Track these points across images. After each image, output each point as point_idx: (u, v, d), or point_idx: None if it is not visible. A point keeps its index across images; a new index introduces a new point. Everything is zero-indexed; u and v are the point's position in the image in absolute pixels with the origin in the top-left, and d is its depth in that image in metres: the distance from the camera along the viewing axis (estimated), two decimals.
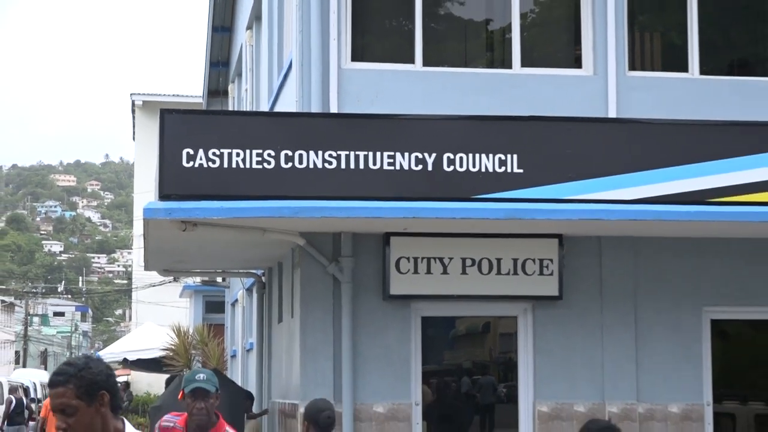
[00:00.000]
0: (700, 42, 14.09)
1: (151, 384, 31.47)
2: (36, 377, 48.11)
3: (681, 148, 12.40)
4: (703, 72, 14.03)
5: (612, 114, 13.42)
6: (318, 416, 8.20)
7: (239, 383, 19.75)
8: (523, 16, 14.08)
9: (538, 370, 13.18)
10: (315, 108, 13.10)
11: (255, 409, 17.65)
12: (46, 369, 67.47)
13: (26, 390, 39.34)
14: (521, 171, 12.12)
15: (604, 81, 13.69)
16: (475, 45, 14.47)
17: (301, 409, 12.61)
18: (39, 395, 41.66)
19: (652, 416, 13.13)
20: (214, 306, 31.68)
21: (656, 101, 13.47)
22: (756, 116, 12.94)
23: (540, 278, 13.02)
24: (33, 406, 38.65)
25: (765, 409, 13.79)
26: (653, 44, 14.31)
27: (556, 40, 14.24)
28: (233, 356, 24.70)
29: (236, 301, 24.29)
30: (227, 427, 7.30)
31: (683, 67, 14.07)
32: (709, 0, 14.22)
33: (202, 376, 7.26)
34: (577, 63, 13.98)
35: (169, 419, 7.50)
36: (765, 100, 13.61)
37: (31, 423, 36.07)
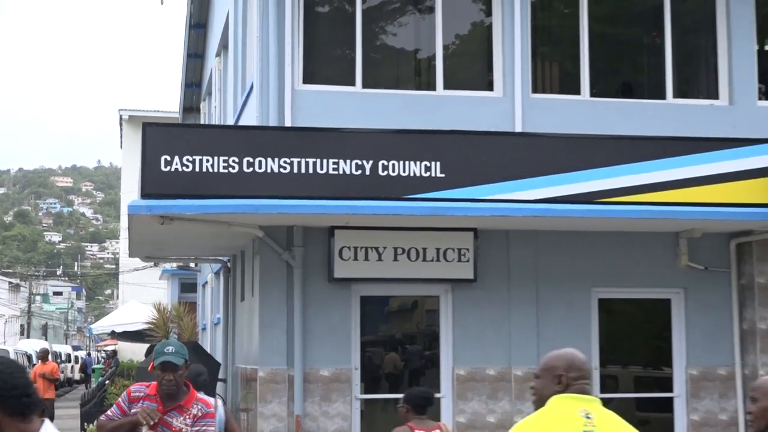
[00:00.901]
0: (591, 70, 14.23)
1: (134, 352, 31.24)
2: (37, 346, 48.01)
3: (574, 157, 12.56)
4: (593, 95, 14.17)
5: (518, 129, 13.52)
6: (196, 379, 7.74)
7: (208, 351, 19.70)
8: (445, 47, 14.17)
9: (456, 340, 13.28)
10: (272, 122, 13.14)
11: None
12: (46, 339, 66.89)
13: (29, 357, 39.44)
14: (443, 175, 12.22)
15: (511, 102, 13.80)
16: (405, 71, 14.55)
17: (261, 373, 12.73)
18: (35, 361, 41.64)
19: None
20: (187, 287, 31.59)
21: (554, 119, 13.57)
22: (636, 132, 13.13)
23: (458, 264, 13.12)
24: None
25: (642, 372, 13.94)
26: (552, 71, 14.42)
27: (472, 68, 14.33)
28: (203, 329, 24.64)
29: (206, 282, 24.21)
30: (197, 397, 6.65)
31: (576, 91, 14.19)
32: (597, 35, 14.35)
33: (170, 348, 6.53)
34: (489, 86, 14.05)
35: (138, 389, 6.77)
36: (643, 119, 13.76)
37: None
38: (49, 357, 27.69)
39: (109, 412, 6.89)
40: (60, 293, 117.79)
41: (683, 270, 13.72)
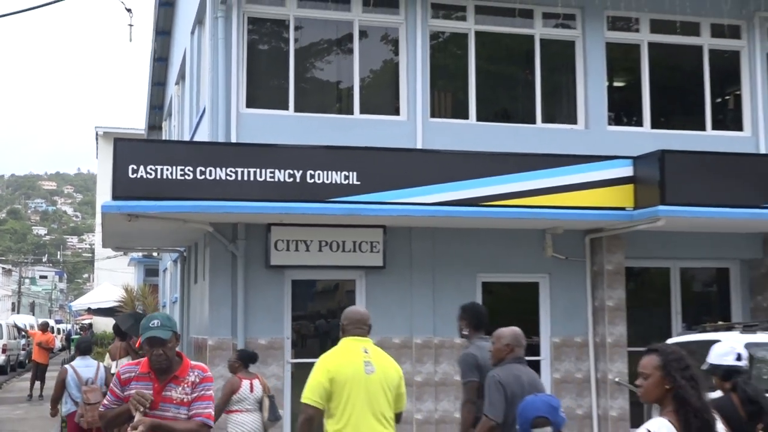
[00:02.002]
0: (477, 99, 14.35)
1: (107, 325, 30.86)
2: (26, 320, 47.55)
3: (463, 169, 12.68)
4: (478, 119, 14.29)
5: (419, 146, 13.60)
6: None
7: None
8: (361, 80, 14.20)
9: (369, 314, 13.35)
10: (221, 139, 13.08)
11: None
12: (33, 315, 65.80)
13: (19, 328, 39.18)
14: (359, 183, 12.27)
15: (414, 124, 13.88)
16: (329, 98, 14.55)
17: (210, 342, 12.65)
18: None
19: (443, 345, 13.38)
20: (151, 272, 31.32)
21: (448, 138, 13.68)
22: (512, 149, 13.26)
23: (370, 254, 13.17)
24: (23, 341, 38.40)
25: None
26: (446, 100, 14.53)
27: (382, 96, 14.37)
28: (164, 306, 24.40)
29: (166, 268, 23.99)
30: (192, 364, 5.45)
31: (465, 116, 14.31)
32: (482, 71, 14.47)
33: (155, 322, 5.20)
34: (396, 112, 14.11)
35: (127, 370, 5.35)
36: (518, 139, 13.90)
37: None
38: (48, 329, 27.00)
39: (105, 401, 5.45)
40: (45, 277, 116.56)
41: (548, 259, 13.93)
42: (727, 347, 6.26)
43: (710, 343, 10.18)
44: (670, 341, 11.01)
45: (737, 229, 14.17)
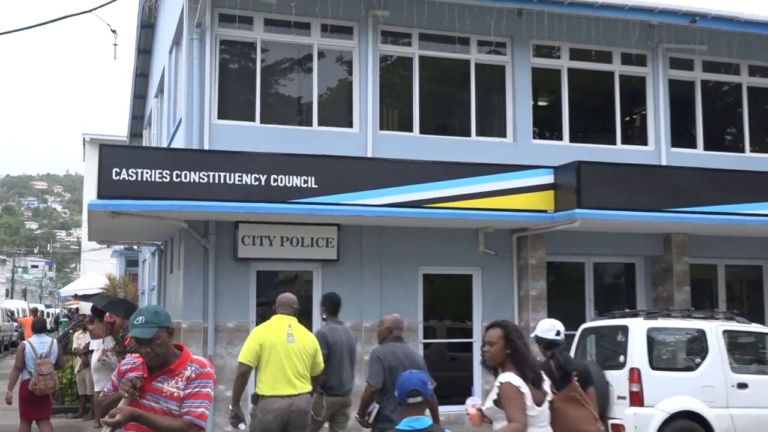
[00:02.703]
0: (420, 115, 14.42)
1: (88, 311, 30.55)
2: (18, 305, 46.80)
3: (407, 175, 12.72)
4: (421, 132, 14.35)
5: (370, 155, 13.62)
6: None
7: None
8: (320, 96, 14.19)
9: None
10: (195, 146, 12.99)
11: None
12: (25, 300, 64.63)
13: (12, 312, 38.82)
14: (317, 186, 12.25)
15: (365, 136, 13.90)
16: (291, 111, 14.50)
17: (184, 325, 12.53)
18: (19, 315, 40.82)
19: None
20: (131, 262, 30.89)
21: (394, 148, 13.70)
22: (450, 158, 13.31)
23: (326, 249, 13.16)
24: (15, 324, 38.20)
25: (451, 324, 14.18)
26: (393, 115, 14.54)
27: (339, 111, 14.35)
28: (143, 293, 24.07)
29: (145, 260, 23.69)
30: (192, 358, 4.50)
31: (410, 129, 14.36)
32: (425, 91, 14.54)
33: (140, 319, 4.34)
34: (350, 125, 14.11)
35: (127, 362, 4.65)
36: (455, 150, 13.96)
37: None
38: (38, 314, 27.07)
39: (105, 389, 4.94)
40: (36, 266, 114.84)
41: (480, 254, 14.03)
42: (549, 324, 6.59)
43: (618, 327, 10.40)
44: (585, 326, 11.18)
45: (642, 230, 14.41)
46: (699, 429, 9.74)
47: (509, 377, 5.08)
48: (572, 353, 10.86)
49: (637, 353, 9.90)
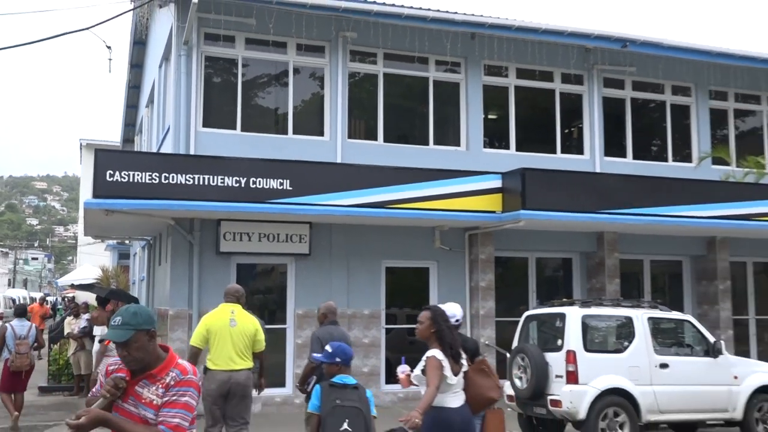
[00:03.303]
0: (384, 125, 14.46)
1: (87, 297, 30.05)
2: (20, 294, 46.06)
3: (373, 179, 12.71)
4: (385, 141, 14.40)
5: (339, 161, 13.63)
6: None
7: (136, 296, 19.06)
8: (295, 107, 14.16)
9: (297, 292, 13.28)
10: (182, 151, 12.89)
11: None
12: (26, 289, 63.54)
13: (14, 300, 38.16)
14: (291, 188, 12.20)
15: (335, 143, 13.91)
16: (269, 120, 14.43)
17: (171, 312, 12.42)
18: (19, 302, 40.15)
19: (355, 315, 13.39)
20: (123, 255, 30.48)
21: (361, 155, 13.73)
22: (411, 164, 13.37)
23: (300, 244, 13.12)
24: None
25: (410, 312, 14.16)
26: (360, 125, 14.53)
27: (312, 121, 14.30)
28: (133, 283, 23.80)
29: (136, 253, 23.41)
30: (176, 363, 3.64)
31: (375, 138, 14.40)
32: (388, 104, 14.56)
33: (117, 320, 3.60)
34: (321, 133, 14.10)
35: (114, 361, 3.82)
36: (415, 157, 14.02)
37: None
38: (45, 303, 26.86)
39: (93, 389, 4.41)
40: (36, 258, 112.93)
41: (437, 250, 14.08)
42: (450, 312, 6.55)
43: (556, 314, 10.48)
44: (527, 313, 11.25)
45: (578, 229, 14.55)
46: (626, 404, 9.85)
47: (434, 352, 5.69)
48: (516, 338, 10.96)
49: (573, 337, 9.95)
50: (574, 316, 10.13)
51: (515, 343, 10.84)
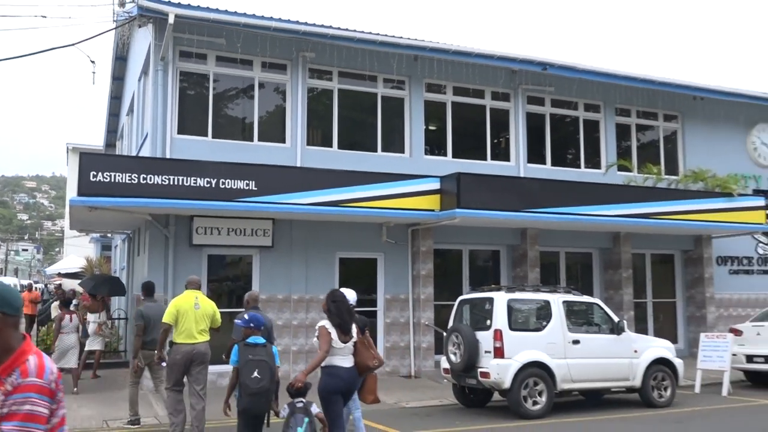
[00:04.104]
0: (338, 134, 14.39)
1: (73, 285, 29.26)
2: (11, 281, 44.65)
3: (328, 181, 12.66)
4: (339, 148, 14.32)
5: (299, 165, 13.52)
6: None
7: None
8: (260, 117, 14.00)
9: (261, 280, 13.16)
10: (159, 155, 12.61)
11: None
12: (17, 277, 61.50)
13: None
14: (256, 188, 12.07)
15: (295, 150, 13.79)
16: (237, 129, 14.21)
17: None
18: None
19: (312, 300, 13.32)
20: (106, 247, 29.69)
21: (318, 160, 13.65)
22: (362, 169, 13.33)
23: (263, 238, 13.01)
24: None
25: (361, 296, 14.04)
26: (317, 134, 14.42)
27: (275, 130, 14.16)
28: (115, 272, 23.21)
29: (117, 245, 22.85)
30: (24, 359, 2.41)
31: (330, 145, 14.32)
32: (342, 116, 14.51)
33: None
34: (283, 140, 13.95)
35: None
36: (365, 162, 13.99)
37: None
38: (33, 289, 25.95)
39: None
40: (26, 250, 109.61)
41: (383, 243, 14.10)
42: (349, 296, 6.89)
43: (486, 299, 10.59)
44: (461, 297, 11.34)
45: (505, 226, 14.73)
46: (544, 374, 10.01)
47: (324, 322, 6.39)
48: (451, 319, 11.04)
49: (499, 318, 10.07)
50: (500, 299, 10.25)
51: (450, 324, 10.92)
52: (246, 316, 6.69)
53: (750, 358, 12.81)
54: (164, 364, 8.43)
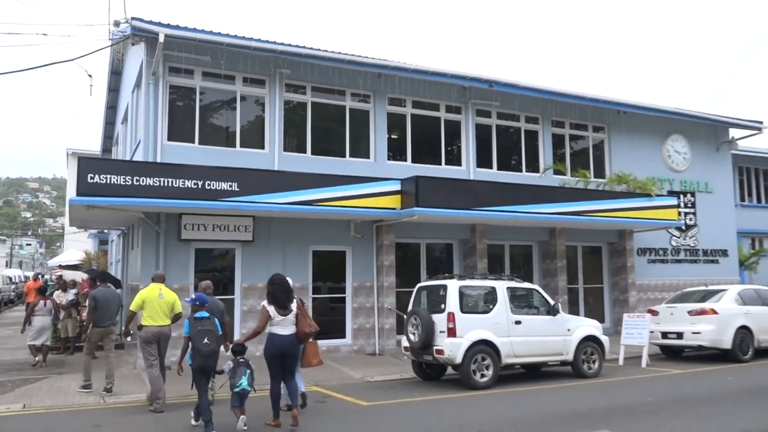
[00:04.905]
0: (312, 141, 14.31)
1: (74, 275, 28.53)
2: (15, 273, 43.35)
3: (302, 183, 12.53)
4: (312, 154, 14.22)
5: (276, 169, 13.39)
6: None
7: (114, 275, 18.22)
8: (242, 126, 13.81)
9: (243, 270, 13.00)
10: (151, 159, 12.37)
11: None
12: (21, 269, 59.68)
13: (10, 278, 35.83)
14: (239, 189, 11.92)
15: (273, 155, 13.65)
16: (221, 136, 13.98)
17: (141, 286, 11.90)
18: (16, 280, 37.76)
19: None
20: (103, 242, 28.96)
21: (294, 164, 13.53)
22: (333, 172, 13.28)
23: (245, 233, 12.86)
24: (12, 286, 35.46)
25: (332, 284, 14.05)
26: (293, 141, 14.31)
27: (255, 137, 13.99)
28: (111, 264, 22.74)
29: (113, 240, 22.37)
30: None
31: (305, 151, 14.21)
32: (315, 126, 14.41)
33: None
34: (263, 147, 13.80)
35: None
36: (336, 166, 13.88)
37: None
38: (39, 278, 25.40)
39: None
40: (30, 244, 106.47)
41: (351, 237, 14.05)
42: (289, 281, 7.44)
43: (440, 285, 10.63)
44: (419, 285, 11.36)
45: (457, 222, 14.81)
46: (490, 351, 10.10)
47: (264, 303, 7.16)
48: (411, 303, 11.06)
49: (452, 302, 10.13)
50: (453, 286, 10.31)
51: (410, 307, 10.94)
52: (193, 296, 7.65)
53: (665, 335, 13.14)
54: (129, 338, 10.08)
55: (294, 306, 7.20)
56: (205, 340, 7.02)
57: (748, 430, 6.60)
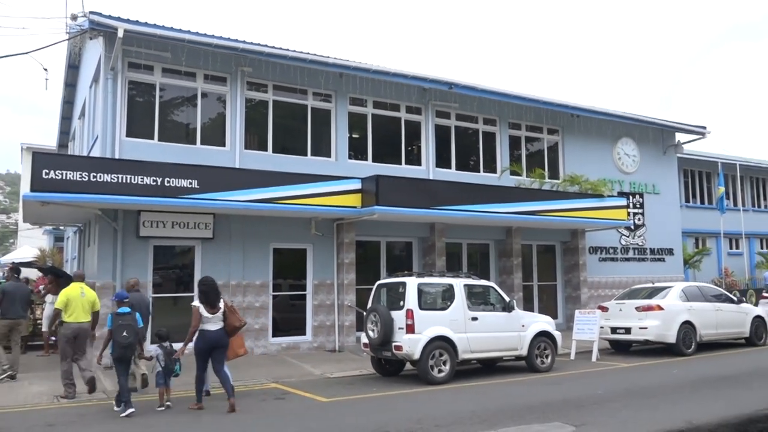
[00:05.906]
0: (273, 139, 14.16)
1: (27, 273, 27.54)
2: None
3: (263, 181, 12.40)
4: (273, 152, 14.07)
5: (237, 166, 13.22)
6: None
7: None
8: (203, 123, 13.58)
9: (203, 267, 12.78)
10: (108, 155, 12.05)
11: None
12: None
13: None
14: (198, 186, 11.72)
15: (234, 153, 13.46)
16: (182, 133, 13.70)
17: (98, 283, 11.61)
18: None
19: (249, 285, 13.04)
20: (59, 239, 28.04)
21: (256, 162, 13.39)
22: (294, 170, 13.14)
23: (205, 230, 12.66)
24: None
25: (294, 282, 13.94)
26: (254, 139, 14.13)
27: (216, 134, 13.74)
28: (67, 262, 22.03)
29: (69, 236, 21.67)
30: None
31: (266, 149, 14.03)
32: (276, 123, 14.27)
33: None
34: (223, 144, 13.58)
35: None
36: (297, 164, 13.79)
37: None
38: None
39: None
40: None
41: (312, 235, 13.97)
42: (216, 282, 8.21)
43: (400, 283, 10.67)
44: (379, 282, 11.37)
45: (416, 221, 14.87)
46: (448, 346, 10.19)
47: (194, 303, 8.00)
48: (370, 300, 11.08)
49: (411, 299, 10.17)
50: (412, 283, 10.36)
51: (369, 304, 10.96)
52: (116, 294, 8.54)
53: (614, 330, 13.50)
54: (54, 338, 10.33)
55: (221, 304, 8.05)
56: (124, 333, 7.87)
57: (691, 419, 6.85)
